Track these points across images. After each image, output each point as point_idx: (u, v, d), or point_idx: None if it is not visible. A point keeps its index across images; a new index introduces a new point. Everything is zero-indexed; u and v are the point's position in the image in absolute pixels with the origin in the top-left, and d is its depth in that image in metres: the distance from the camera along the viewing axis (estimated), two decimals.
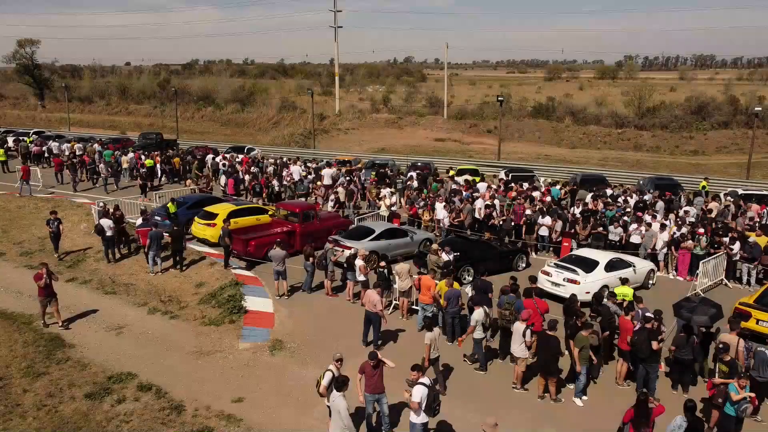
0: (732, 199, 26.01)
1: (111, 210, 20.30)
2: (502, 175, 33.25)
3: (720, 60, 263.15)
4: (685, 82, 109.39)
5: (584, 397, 11.94)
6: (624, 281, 15.07)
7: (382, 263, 16.23)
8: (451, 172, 31.74)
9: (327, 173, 28.53)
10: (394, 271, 15.82)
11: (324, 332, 14.80)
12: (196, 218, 21.67)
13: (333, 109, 64.81)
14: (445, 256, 16.93)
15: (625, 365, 12.47)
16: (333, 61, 70.00)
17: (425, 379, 9.63)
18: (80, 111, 73.45)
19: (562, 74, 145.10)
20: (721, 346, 11.18)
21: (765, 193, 28.13)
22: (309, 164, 33.25)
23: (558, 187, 27.85)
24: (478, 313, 12.74)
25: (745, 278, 18.87)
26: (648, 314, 12.35)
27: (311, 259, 17.02)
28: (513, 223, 21.76)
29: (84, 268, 19.17)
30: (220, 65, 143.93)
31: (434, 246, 17.89)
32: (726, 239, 19.11)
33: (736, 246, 18.83)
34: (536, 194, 25.45)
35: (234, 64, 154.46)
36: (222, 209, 21.71)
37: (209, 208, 21.82)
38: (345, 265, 16.77)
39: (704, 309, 12.80)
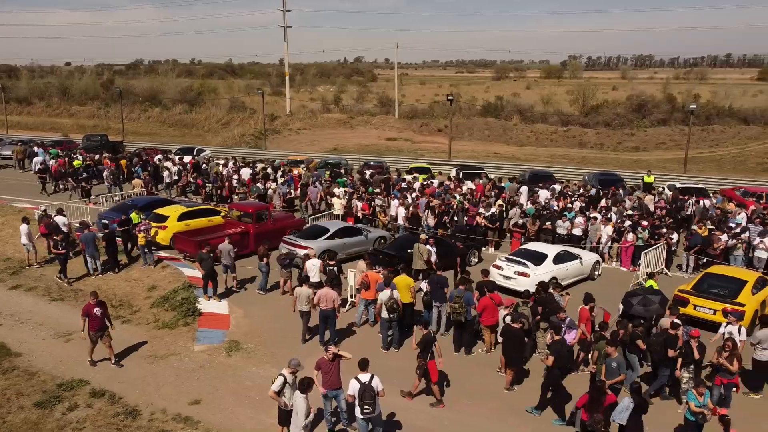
0: (671, 193, 27.26)
1: (50, 213, 19.78)
2: (453, 173, 33.81)
3: (658, 60, 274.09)
4: (626, 81, 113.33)
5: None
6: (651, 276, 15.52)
7: (332, 261, 16.38)
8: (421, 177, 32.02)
9: (245, 173, 29.08)
10: (354, 269, 16.01)
11: (281, 332, 14.80)
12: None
13: (284, 110, 64.34)
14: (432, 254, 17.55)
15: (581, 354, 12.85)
16: (283, 60, 69.44)
17: (363, 376, 9.71)
18: (18, 113, 70.55)
19: (509, 74, 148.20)
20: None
21: (701, 186, 29.59)
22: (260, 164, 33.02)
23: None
24: (384, 294, 13.45)
25: (684, 267, 19.85)
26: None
27: (265, 259, 16.98)
28: (466, 221, 22.21)
29: (29, 274, 18.57)
30: (166, 65, 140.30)
31: (423, 236, 18.44)
32: (665, 230, 20.07)
33: (675, 236, 19.81)
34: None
35: (181, 64, 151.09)
36: (172, 211, 21.38)
37: (159, 210, 21.43)
38: (302, 263, 16.79)
39: (650, 299, 13.46)
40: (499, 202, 23.92)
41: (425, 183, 27.58)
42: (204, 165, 32.51)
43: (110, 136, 46.41)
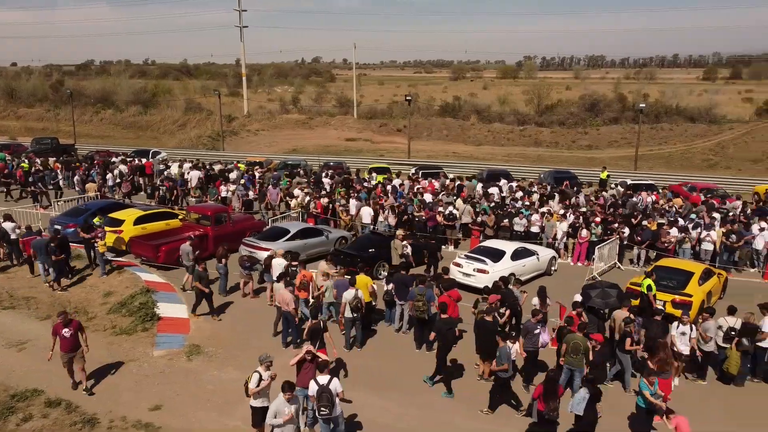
0: (622, 189, 28.15)
1: None
2: (412, 172, 34.08)
3: (610, 60, 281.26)
4: (579, 81, 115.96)
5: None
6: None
7: (293, 262, 16.37)
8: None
9: (194, 175, 28.93)
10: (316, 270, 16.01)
11: (242, 334, 14.72)
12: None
13: (241, 111, 63.59)
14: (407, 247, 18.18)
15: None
16: (239, 61, 68.59)
17: (321, 377, 9.72)
18: None
19: (466, 74, 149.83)
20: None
21: (651, 182, 30.67)
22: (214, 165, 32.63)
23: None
24: (349, 294, 13.56)
25: (635, 260, 20.55)
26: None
27: (224, 260, 16.83)
28: (425, 220, 22.48)
29: None
30: (119, 66, 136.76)
31: (400, 232, 18.93)
32: (617, 225, 20.76)
33: (627, 231, 20.51)
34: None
35: (134, 65, 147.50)
36: (128, 215, 20.96)
37: (114, 214, 20.99)
38: (263, 266, 16.74)
39: (607, 293, 13.91)
40: (459, 201, 24.27)
41: (390, 183, 27.81)
42: (163, 167, 31.97)
43: (61, 139, 45.08)
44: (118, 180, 29.05)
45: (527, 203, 24.18)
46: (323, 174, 30.65)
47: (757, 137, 45.25)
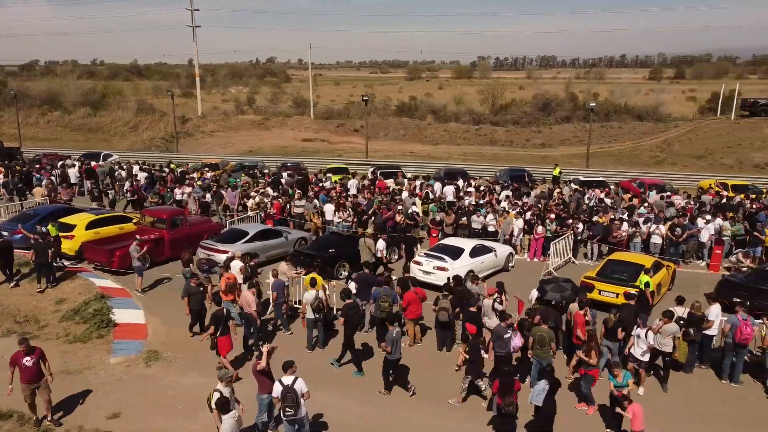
0: (575, 186, 28.92)
1: None
2: (369, 173, 34.17)
3: (561, 60, 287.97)
4: (532, 81, 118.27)
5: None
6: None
7: (252, 263, 16.27)
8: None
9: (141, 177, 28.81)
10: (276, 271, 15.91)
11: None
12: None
13: (195, 111, 62.44)
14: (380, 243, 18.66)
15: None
16: (192, 61, 67.41)
17: (286, 378, 9.73)
18: None
19: (422, 74, 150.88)
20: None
21: (602, 179, 31.60)
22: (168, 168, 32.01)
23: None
24: (310, 294, 13.63)
25: (589, 254, 21.16)
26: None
27: (191, 265, 16.54)
28: (385, 220, 22.56)
29: None
30: (65, 66, 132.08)
31: (368, 231, 19.16)
32: (571, 221, 21.33)
33: (581, 226, 21.10)
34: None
35: (81, 65, 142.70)
36: (79, 220, 20.37)
37: (65, 219, 20.36)
38: (222, 269, 16.51)
39: (562, 286, 14.28)
40: (417, 200, 24.52)
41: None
42: (117, 169, 31.18)
43: (5, 142, 43.37)
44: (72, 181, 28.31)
45: (482, 201, 24.61)
46: (280, 175, 30.47)
47: (701, 135, 47.12)
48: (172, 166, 32.72)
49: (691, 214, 21.83)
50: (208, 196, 25.70)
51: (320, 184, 28.13)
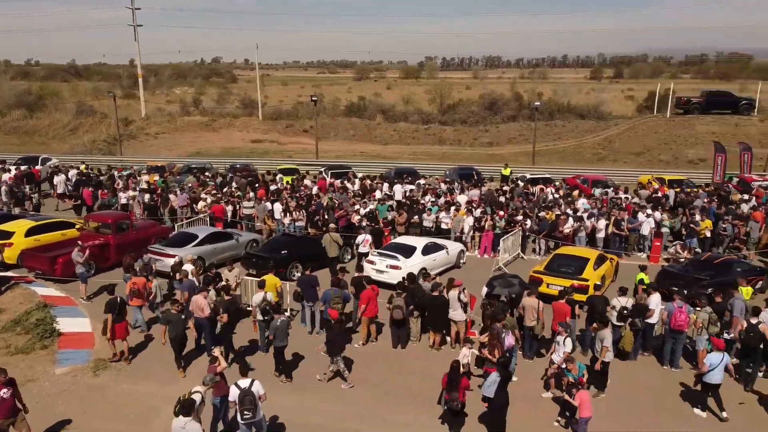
0: (522, 183, 29.64)
1: None
2: (320, 173, 34.08)
3: (505, 61, 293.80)
4: (478, 81, 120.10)
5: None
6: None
7: (212, 271, 16.08)
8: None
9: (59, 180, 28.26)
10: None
11: (153, 344, 14.21)
12: None
13: (139, 113, 60.70)
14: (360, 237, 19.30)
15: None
16: (134, 61, 65.56)
17: (243, 381, 9.67)
18: None
19: (370, 74, 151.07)
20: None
21: (548, 176, 32.48)
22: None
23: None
24: (258, 296, 13.71)
25: (537, 250, 21.75)
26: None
27: (131, 270, 16.14)
28: (337, 219, 22.57)
29: None
30: None
31: (332, 226, 19.46)
32: (520, 218, 21.88)
33: (529, 222, 21.67)
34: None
35: (14, 65, 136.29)
36: (18, 226, 19.58)
37: (3, 226, 19.52)
38: (171, 273, 16.20)
39: (509, 282, 14.63)
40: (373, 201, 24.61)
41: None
42: (54, 173, 30.06)
43: None
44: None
45: (432, 199, 24.96)
46: (229, 176, 30.07)
47: (639, 132, 48.98)
48: (113, 171, 31.65)
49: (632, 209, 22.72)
50: (147, 197, 25.05)
51: (267, 186, 27.84)
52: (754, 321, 12.60)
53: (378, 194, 26.17)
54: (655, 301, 13.87)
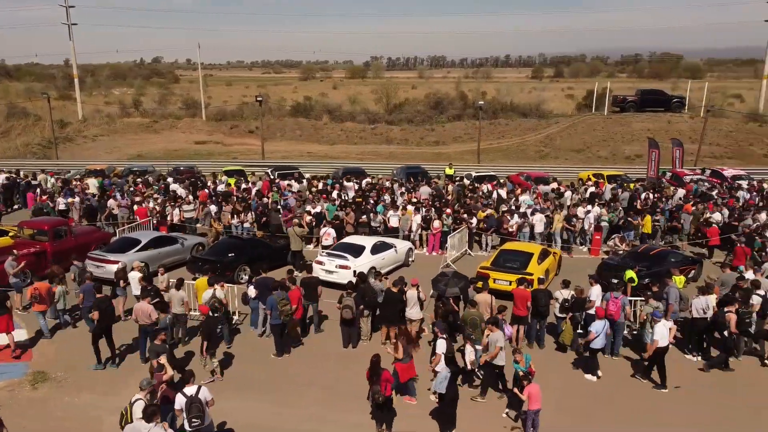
0: (468, 181, 30.15)
1: None
2: (267, 174, 33.72)
3: (450, 60, 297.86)
4: (424, 80, 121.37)
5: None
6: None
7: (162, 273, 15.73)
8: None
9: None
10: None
11: (92, 354, 13.74)
12: None
13: (75, 115, 58.47)
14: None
15: (521, 329, 14.17)
16: (69, 61, 63.10)
17: (189, 389, 9.54)
18: None
19: (316, 74, 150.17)
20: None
21: (493, 174, 33.15)
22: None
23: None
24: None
25: (483, 246, 22.18)
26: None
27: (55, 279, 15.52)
28: (282, 220, 22.43)
29: None
30: None
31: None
32: (466, 215, 22.27)
33: (474, 220, 22.08)
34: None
35: None
36: None
37: None
38: (114, 280, 15.73)
39: (455, 281, 14.83)
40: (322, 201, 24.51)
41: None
42: None
43: None
44: None
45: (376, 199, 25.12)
46: (172, 179, 29.39)
47: (579, 130, 50.59)
48: (40, 177, 30.22)
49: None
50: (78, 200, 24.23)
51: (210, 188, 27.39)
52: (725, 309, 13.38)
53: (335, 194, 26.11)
54: (595, 292, 14.39)
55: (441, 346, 11.34)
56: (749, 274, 15.47)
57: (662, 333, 12.33)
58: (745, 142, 46.22)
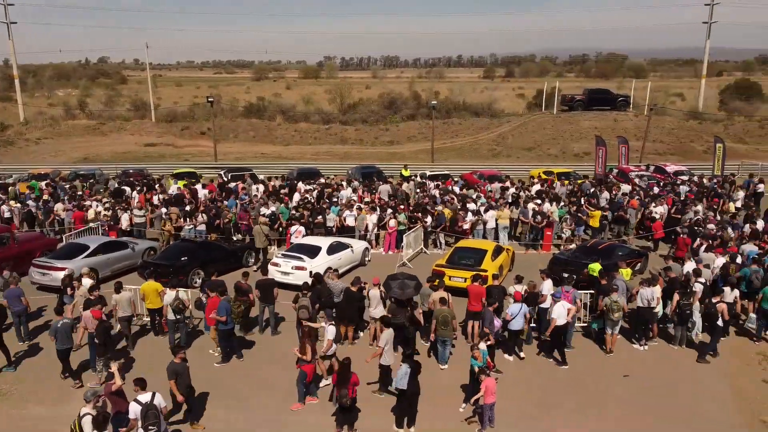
0: (420, 180, 30.43)
1: None
2: (219, 176, 33.24)
3: (403, 60, 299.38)
4: (378, 80, 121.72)
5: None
6: None
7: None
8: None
9: None
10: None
11: (40, 364, 13.33)
12: None
13: (17, 117, 56.26)
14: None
15: (476, 324, 14.26)
16: (8, 61, 60.65)
17: (143, 396, 9.40)
18: None
19: (269, 74, 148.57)
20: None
21: (447, 173, 33.56)
22: None
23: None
24: (169, 296, 13.79)
25: (438, 244, 22.44)
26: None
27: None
28: (246, 224, 22.09)
29: None
30: None
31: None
32: (420, 214, 22.49)
33: (429, 218, 22.32)
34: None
35: None
36: None
37: None
38: (62, 287, 15.23)
39: (406, 284, 14.87)
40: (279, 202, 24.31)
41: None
42: None
43: None
44: None
45: (334, 199, 25.12)
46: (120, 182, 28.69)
47: (529, 128, 51.69)
48: None
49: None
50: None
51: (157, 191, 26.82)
52: (715, 300, 13.99)
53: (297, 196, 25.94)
54: (547, 287, 14.78)
55: (331, 332, 12.10)
56: (689, 265, 16.18)
57: (560, 312, 13.20)
58: (687, 139, 48.14)
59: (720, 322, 13.79)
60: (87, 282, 14.79)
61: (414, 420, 10.99)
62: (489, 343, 12.32)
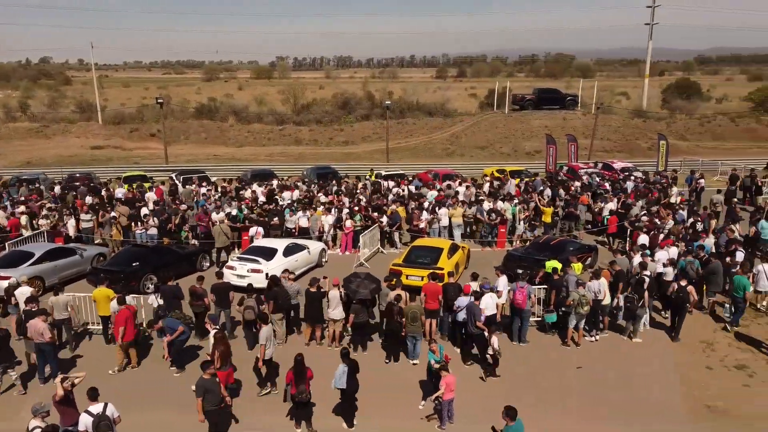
0: (375, 180, 30.49)
1: None
2: (170, 178, 32.57)
3: (356, 61, 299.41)
4: (331, 80, 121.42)
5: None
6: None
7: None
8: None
9: None
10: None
11: None
12: None
13: None
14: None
15: (433, 322, 14.43)
16: None
17: (94, 407, 9.21)
18: None
19: (220, 75, 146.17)
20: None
21: (402, 172, 33.75)
22: None
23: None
24: (57, 299, 13.74)
25: (395, 243, 22.56)
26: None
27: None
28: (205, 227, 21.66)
29: None
30: None
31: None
32: (376, 214, 22.57)
33: (385, 218, 22.42)
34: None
35: None
36: None
37: None
38: (5, 297, 14.65)
39: (366, 284, 14.91)
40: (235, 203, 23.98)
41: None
42: None
43: None
44: None
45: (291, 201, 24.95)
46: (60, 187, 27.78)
47: (482, 127, 52.46)
48: None
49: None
50: None
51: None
52: (683, 283, 14.71)
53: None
54: (502, 283, 15.08)
55: (262, 336, 11.98)
56: (637, 258, 16.77)
57: (488, 303, 13.69)
58: (632, 137, 49.77)
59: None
60: (26, 290, 14.24)
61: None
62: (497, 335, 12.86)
